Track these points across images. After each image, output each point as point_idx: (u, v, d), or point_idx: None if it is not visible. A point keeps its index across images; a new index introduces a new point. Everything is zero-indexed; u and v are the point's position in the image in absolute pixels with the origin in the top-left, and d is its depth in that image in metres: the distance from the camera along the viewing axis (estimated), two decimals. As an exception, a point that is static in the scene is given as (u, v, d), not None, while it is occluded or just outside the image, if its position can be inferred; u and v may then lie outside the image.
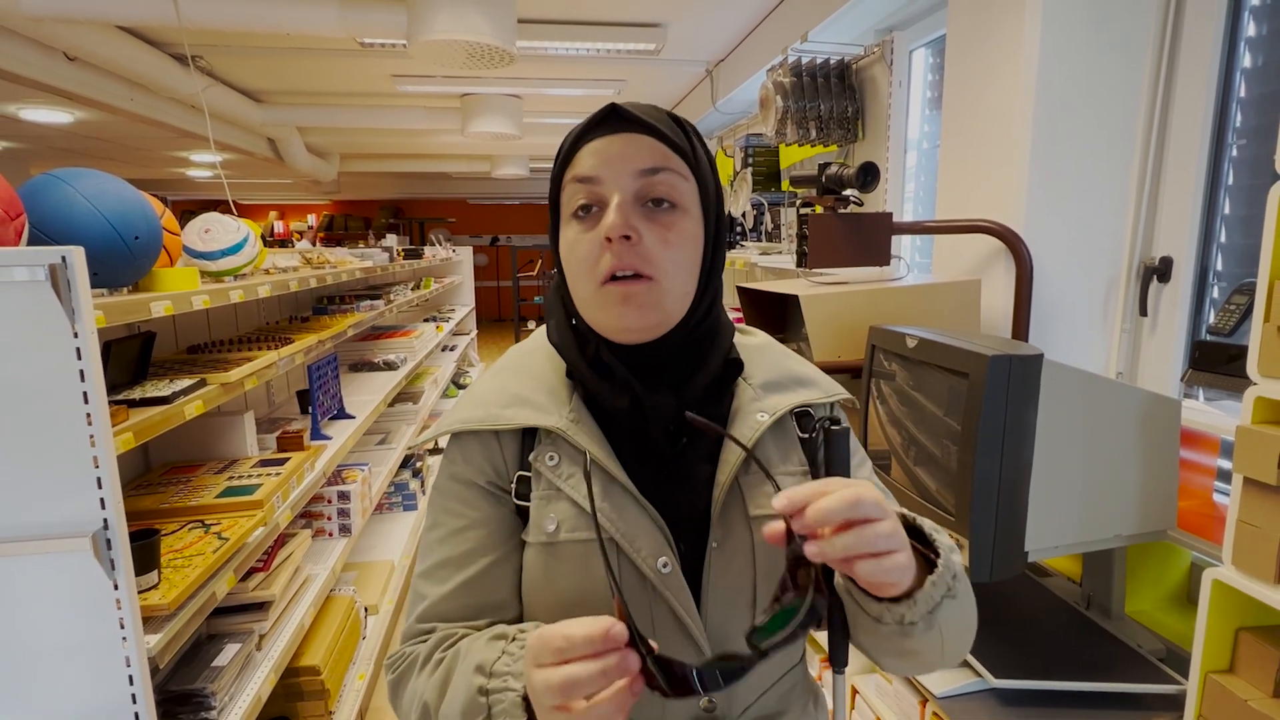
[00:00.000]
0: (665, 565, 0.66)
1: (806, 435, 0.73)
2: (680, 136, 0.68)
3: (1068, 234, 1.65)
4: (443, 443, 0.75)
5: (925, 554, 0.61)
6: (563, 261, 0.70)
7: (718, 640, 0.68)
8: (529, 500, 0.70)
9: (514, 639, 0.62)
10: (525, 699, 0.56)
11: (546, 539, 0.68)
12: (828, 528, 0.52)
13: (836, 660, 0.75)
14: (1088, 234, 1.66)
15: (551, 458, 0.69)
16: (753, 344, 0.79)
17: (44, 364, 1.07)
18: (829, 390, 0.76)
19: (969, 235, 1.76)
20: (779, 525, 0.54)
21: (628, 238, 0.64)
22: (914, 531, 0.63)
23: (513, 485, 0.71)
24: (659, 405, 0.68)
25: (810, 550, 0.51)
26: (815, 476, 0.71)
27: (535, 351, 0.77)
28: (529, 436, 0.71)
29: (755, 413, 0.71)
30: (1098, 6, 1.56)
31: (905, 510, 0.64)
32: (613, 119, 0.67)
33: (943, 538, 0.63)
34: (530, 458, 0.70)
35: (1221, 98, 1.50)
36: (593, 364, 0.70)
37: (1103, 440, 1.22)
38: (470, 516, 0.71)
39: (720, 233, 0.72)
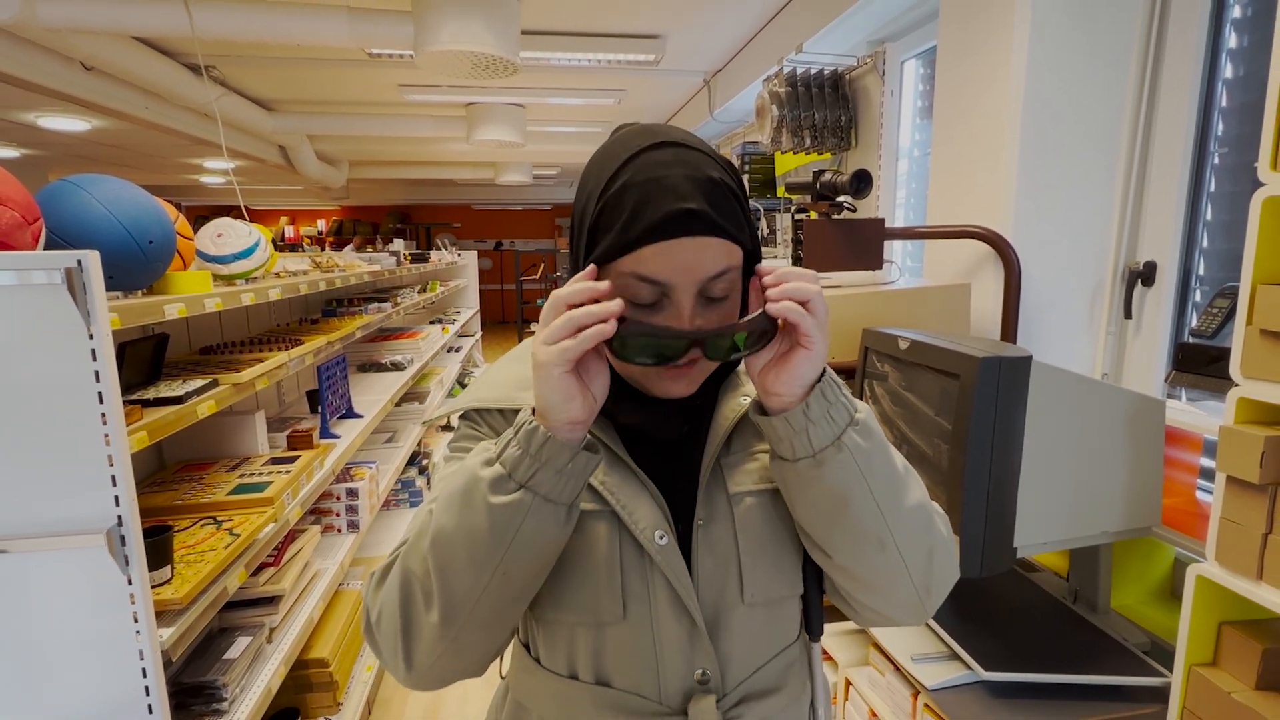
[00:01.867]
0: (662, 538, 0.68)
1: None
2: (739, 217, 0.63)
3: (1055, 239, 1.65)
4: (454, 421, 0.77)
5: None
6: None
7: (710, 612, 0.69)
8: None
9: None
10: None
11: None
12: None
13: (812, 629, 0.77)
14: (1074, 239, 1.66)
15: None
16: None
17: (60, 365, 1.06)
18: None
19: (959, 240, 1.76)
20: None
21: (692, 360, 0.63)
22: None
23: None
24: (667, 421, 0.70)
25: (768, 282, 0.61)
26: None
27: None
28: None
29: (739, 395, 0.73)
30: (1084, 19, 1.56)
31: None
32: (681, 219, 0.60)
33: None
34: None
35: (1204, 107, 1.50)
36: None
37: (1089, 439, 1.22)
38: None
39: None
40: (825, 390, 0.61)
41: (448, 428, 4.39)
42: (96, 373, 1.07)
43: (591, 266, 0.62)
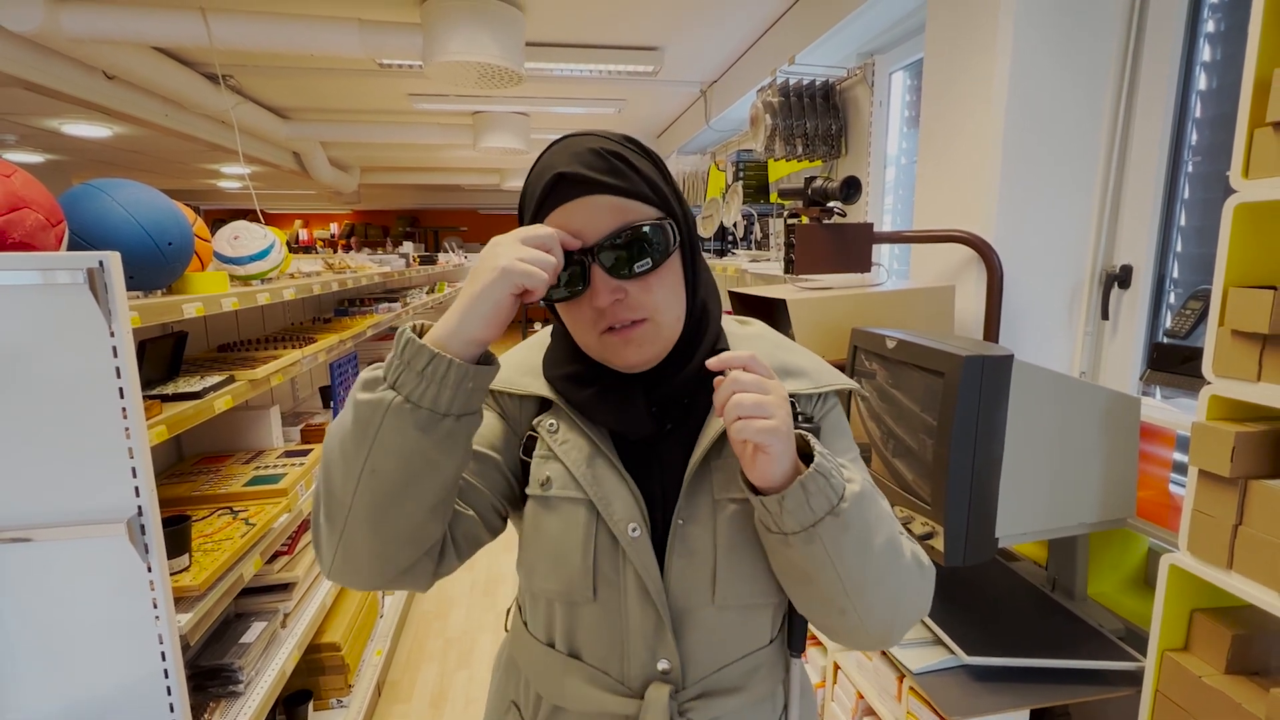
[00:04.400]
0: (635, 530, 0.67)
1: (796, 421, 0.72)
2: (630, 175, 0.63)
3: (1035, 243, 1.65)
4: None
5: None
6: (558, 316, 0.70)
7: (678, 608, 0.68)
8: (532, 457, 0.73)
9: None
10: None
11: (540, 492, 0.71)
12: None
13: (793, 644, 0.76)
14: (1054, 243, 1.66)
15: (552, 425, 0.72)
16: (745, 333, 0.78)
17: (83, 361, 1.06)
18: (819, 381, 0.74)
19: (944, 244, 1.76)
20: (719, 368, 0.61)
21: (617, 300, 0.64)
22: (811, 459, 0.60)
23: (522, 441, 0.75)
24: (638, 421, 0.69)
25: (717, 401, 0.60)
26: None
27: (555, 336, 0.78)
28: (545, 403, 0.74)
29: None
30: (1064, 31, 1.56)
31: (814, 441, 0.62)
32: (562, 185, 0.62)
33: (839, 470, 0.61)
34: (535, 422, 0.74)
35: (1178, 118, 1.50)
36: (576, 378, 0.71)
37: (1067, 435, 1.22)
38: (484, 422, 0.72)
39: (693, 238, 0.69)
40: (807, 483, 0.58)
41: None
42: (118, 369, 1.07)
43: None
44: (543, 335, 0.79)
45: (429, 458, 0.60)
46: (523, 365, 0.75)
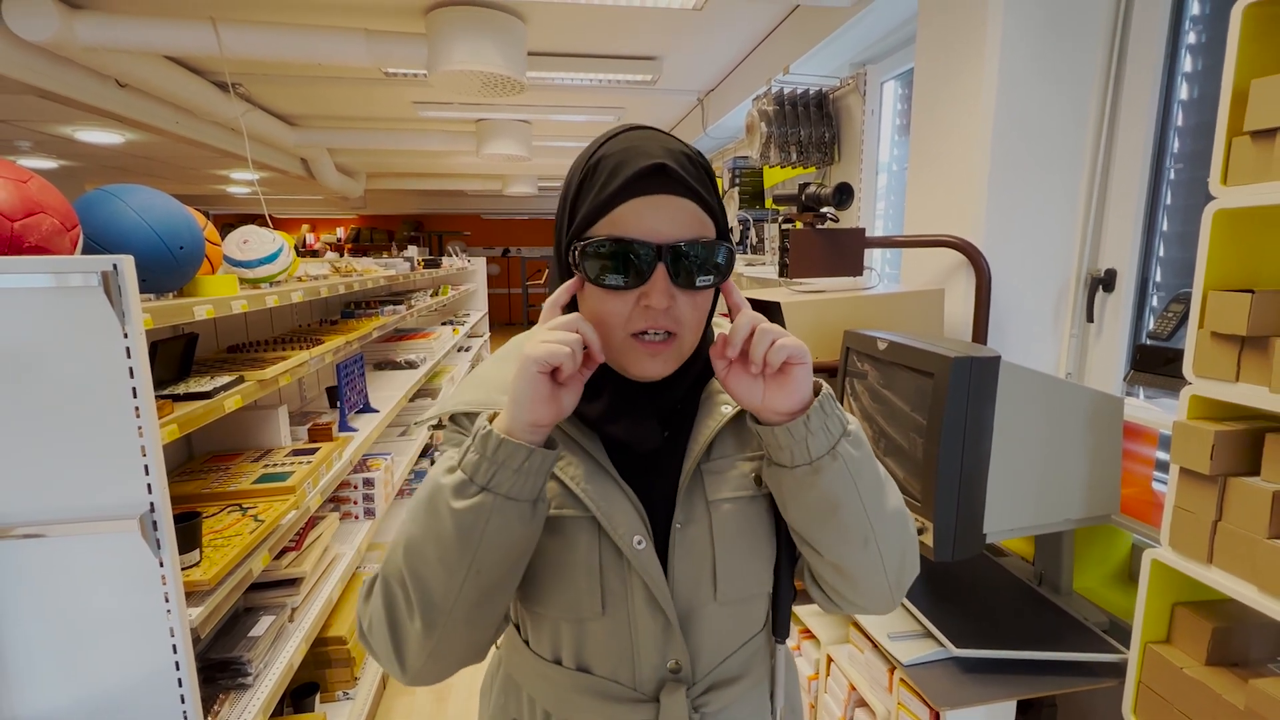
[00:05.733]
0: (640, 543, 0.66)
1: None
2: (713, 190, 0.63)
3: (1022, 248, 1.66)
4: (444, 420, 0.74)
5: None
6: (586, 305, 0.64)
7: (683, 609, 0.68)
8: None
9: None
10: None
11: None
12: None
13: (778, 631, 0.76)
14: (1040, 248, 1.66)
15: None
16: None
17: (97, 362, 1.06)
18: None
19: (934, 249, 1.76)
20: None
21: (665, 306, 0.62)
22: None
23: None
24: (648, 434, 0.67)
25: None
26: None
27: None
28: None
29: (720, 404, 0.70)
30: (1051, 43, 1.57)
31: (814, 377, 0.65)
32: (654, 177, 0.60)
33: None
34: None
35: (1160, 126, 1.51)
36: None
37: (1053, 434, 1.22)
38: None
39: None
40: (823, 404, 0.61)
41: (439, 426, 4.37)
42: (131, 369, 1.07)
43: (576, 277, 0.62)
44: (505, 350, 0.75)
45: (527, 545, 0.61)
46: (501, 382, 0.68)
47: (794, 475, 0.63)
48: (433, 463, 0.62)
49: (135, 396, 1.08)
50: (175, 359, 1.61)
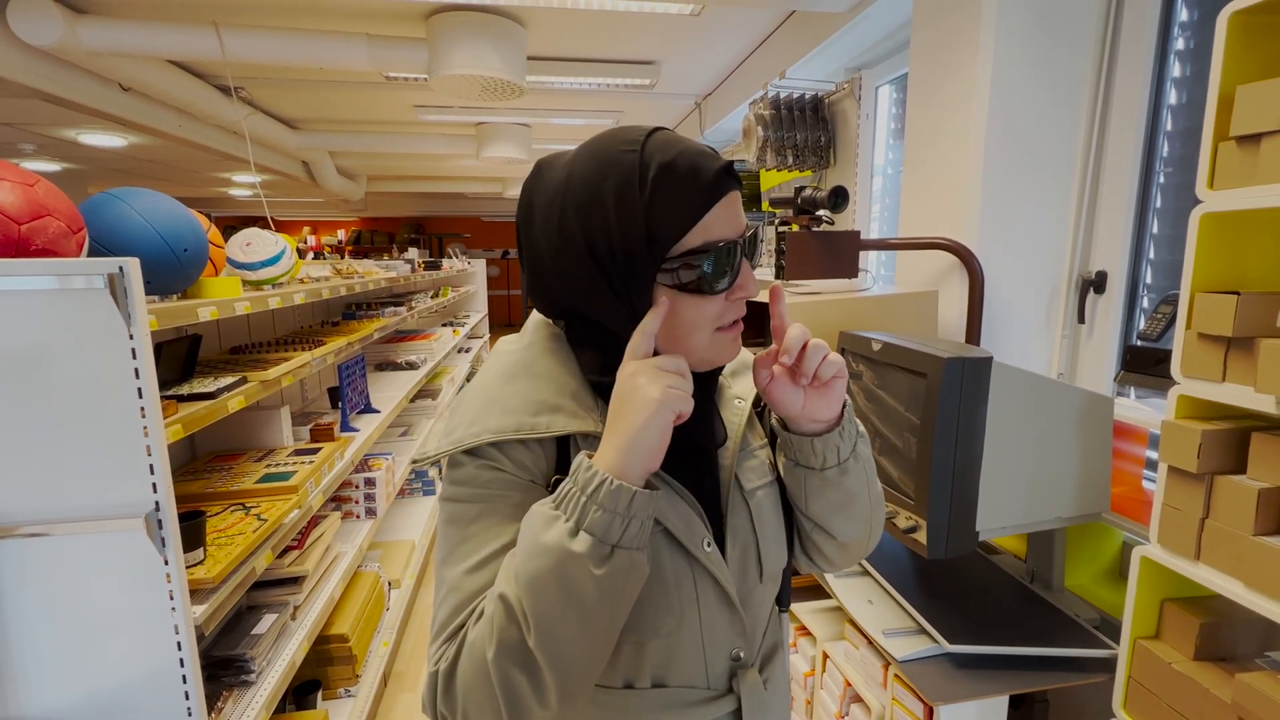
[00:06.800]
0: (709, 545, 0.66)
1: (760, 409, 0.77)
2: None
3: (1015, 250, 1.66)
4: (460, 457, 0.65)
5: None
6: (676, 315, 0.61)
7: (741, 595, 0.69)
8: None
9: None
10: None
11: None
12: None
13: (782, 601, 0.79)
14: (1032, 250, 1.67)
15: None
16: None
17: (102, 363, 1.07)
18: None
19: (928, 251, 1.77)
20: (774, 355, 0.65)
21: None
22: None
23: (549, 486, 0.63)
24: (715, 425, 0.69)
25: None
26: (772, 447, 0.75)
27: (540, 356, 0.67)
28: (563, 440, 0.64)
29: (733, 399, 0.73)
30: (1043, 49, 1.58)
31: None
32: (726, 179, 0.60)
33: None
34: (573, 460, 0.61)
35: (1150, 131, 1.52)
36: None
37: (1045, 433, 1.23)
38: (516, 505, 0.62)
39: None
40: (847, 413, 0.67)
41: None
42: (136, 370, 1.08)
43: (663, 300, 0.59)
44: (510, 363, 0.67)
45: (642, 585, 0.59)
46: (530, 402, 0.63)
47: (823, 476, 0.68)
48: (433, 463, 0.54)
49: (140, 397, 1.09)
50: (179, 360, 1.61)
